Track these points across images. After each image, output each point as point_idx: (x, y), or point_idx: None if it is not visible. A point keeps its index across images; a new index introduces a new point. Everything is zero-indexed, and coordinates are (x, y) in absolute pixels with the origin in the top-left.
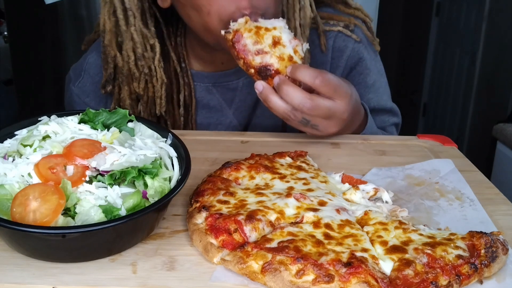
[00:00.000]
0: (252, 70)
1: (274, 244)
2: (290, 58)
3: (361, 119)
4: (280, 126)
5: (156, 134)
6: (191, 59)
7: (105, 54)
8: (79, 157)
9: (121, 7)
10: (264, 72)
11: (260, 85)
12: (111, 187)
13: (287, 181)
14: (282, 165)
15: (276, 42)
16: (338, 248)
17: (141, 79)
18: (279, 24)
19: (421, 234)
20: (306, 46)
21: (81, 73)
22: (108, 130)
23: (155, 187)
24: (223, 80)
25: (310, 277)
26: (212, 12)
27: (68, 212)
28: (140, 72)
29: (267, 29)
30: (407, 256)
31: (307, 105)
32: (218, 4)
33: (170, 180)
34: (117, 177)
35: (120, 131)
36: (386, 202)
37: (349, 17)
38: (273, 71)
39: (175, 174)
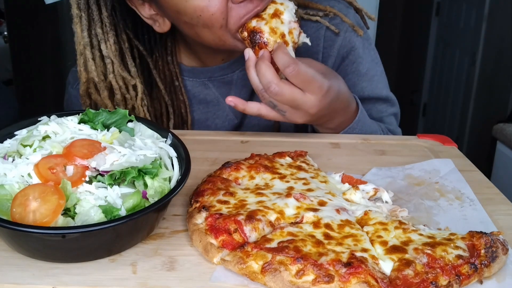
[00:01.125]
0: (245, 34)
1: (274, 244)
2: (282, 36)
3: (351, 112)
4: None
5: (156, 134)
6: (186, 58)
7: (82, 103)
8: (79, 157)
9: (98, 56)
10: (253, 38)
11: (247, 53)
12: (111, 187)
13: (287, 181)
14: (282, 165)
15: (275, 15)
16: (338, 248)
17: None
18: (288, 4)
19: (421, 234)
20: (305, 38)
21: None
22: (108, 130)
23: (155, 187)
24: (218, 74)
25: (310, 277)
26: (226, 24)
27: (68, 212)
28: None
29: (274, 2)
30: (407, 256)
31: (272, 89)
32: (232, 14)
33: (170, 180)
34: (117, 177)
35: (120, 131)
36: (386, 202)
37: (330, 2)
38: (261, 40)
39: (175, 174)
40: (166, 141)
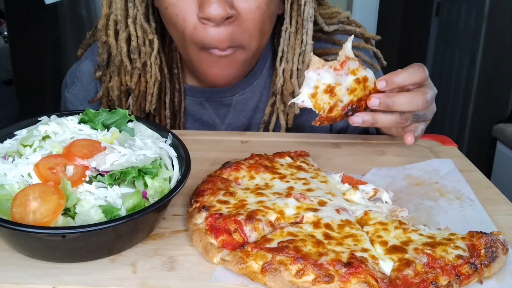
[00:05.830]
0: (338, 118)
1: (274, 244)
2: (357, 82)
3: None
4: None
5: (156, 134)
6: (190, 78)
7: (97, 38)
8: (79, 157)
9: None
10: (350, 111)
11: (359, 119)
12: (111, 187)
13: (287, 181)
14: (282, 165)
15: (329, 91)
16: (338, 248)
17: (134, 73)
18: (324, 78)
19: (421, 234)
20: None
21: (75, 80)
22: (108, 130)
23: (155, 187)
24: (216, 96)
25: (310, 277)
26: (186, 32)
27: (68, 212)
28: (133, 65)
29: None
30: (407, 256)
31: (424, 104)
32: (197, 29)
33: (170, 180)
34: (117, 177)
35: (120, 131)
36: (386, 202)
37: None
38: (355, 105)
39: (175, 174)
40: (166, 141)
